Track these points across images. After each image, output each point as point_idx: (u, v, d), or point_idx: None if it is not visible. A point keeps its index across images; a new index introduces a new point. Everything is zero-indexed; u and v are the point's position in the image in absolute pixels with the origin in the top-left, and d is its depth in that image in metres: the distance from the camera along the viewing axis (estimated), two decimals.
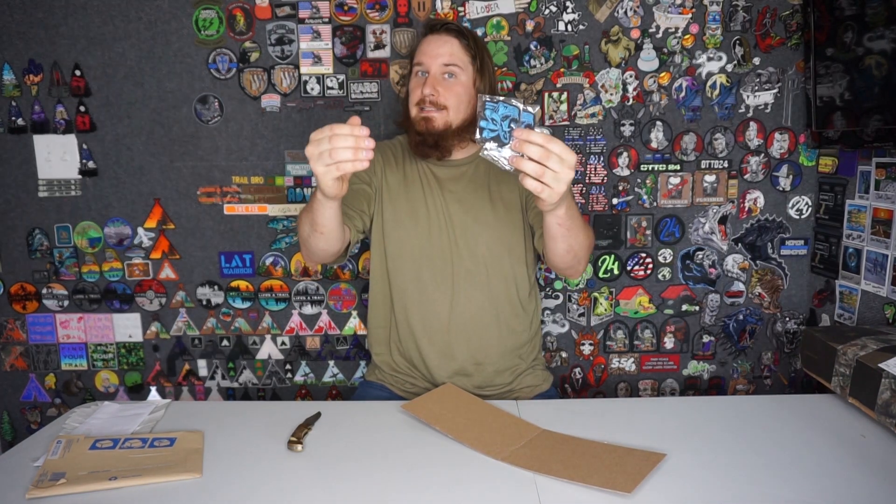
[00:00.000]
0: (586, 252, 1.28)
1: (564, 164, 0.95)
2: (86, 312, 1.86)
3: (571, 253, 1.22)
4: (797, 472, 0.99)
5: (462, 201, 1.43)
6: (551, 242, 1.20)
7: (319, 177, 1.04)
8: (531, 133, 0.93)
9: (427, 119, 1.37)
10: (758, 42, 1.71)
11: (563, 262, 1.26)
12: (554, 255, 1.24)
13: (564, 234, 1.16)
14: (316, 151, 1.01)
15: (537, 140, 0.93)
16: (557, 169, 0.95)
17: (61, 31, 1.72)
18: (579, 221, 1.18)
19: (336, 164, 1.00)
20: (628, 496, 0.92)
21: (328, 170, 1.02)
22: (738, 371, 1.87)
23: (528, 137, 0.94)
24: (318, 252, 1.31)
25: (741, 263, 1.81)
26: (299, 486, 0.97)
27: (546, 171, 0.95)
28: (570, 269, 1.31)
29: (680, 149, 1.76)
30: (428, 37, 1.42)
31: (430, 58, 1.38)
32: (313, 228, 1.23)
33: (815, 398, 1.30)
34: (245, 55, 1.74)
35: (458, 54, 1.39)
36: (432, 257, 1.42)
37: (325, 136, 1.00)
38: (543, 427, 1.14)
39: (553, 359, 1.87)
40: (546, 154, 0.94)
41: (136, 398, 1.89)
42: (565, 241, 1.18)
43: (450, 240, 1.41)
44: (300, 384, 1.90)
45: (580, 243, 1.21)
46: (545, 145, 0.93)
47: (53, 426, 1.19)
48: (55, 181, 1.79)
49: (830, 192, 1.70)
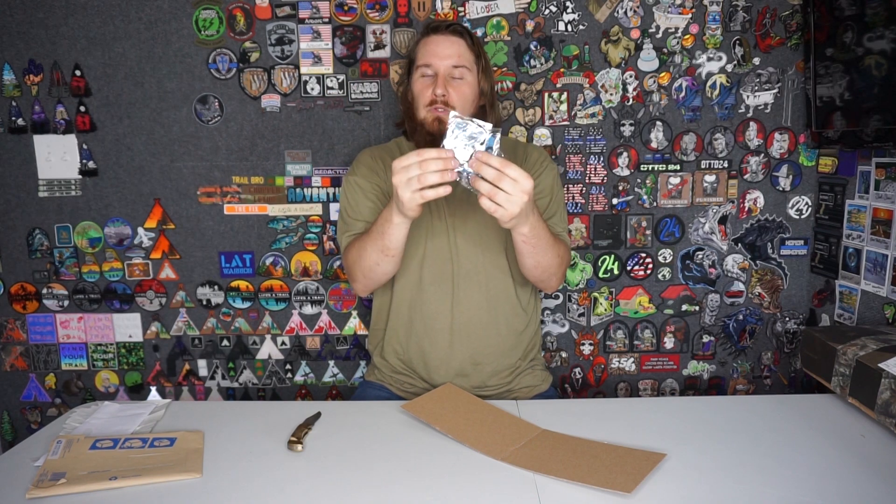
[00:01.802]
0: (557, 269, 1.35)
1: (517, 188, 1.02)
2: (86, 312, 1.86)
3: (539, 269, 1.31)
4: (797, 472, 0.99)
5: (462, 201, 1.43)
6: (519, 257, 1.30)
7: (405, 202, 1.08)
8: (489, 156, 1.01)
9: (441, 120, 1.37)
10: (758, 42, 1.71)
11: (532, 276, 1.35)
12: (523, 269, 1.34)
13: (530, 251, 1.24)
14: (405, 178, 1.05)
15: (493, 163, 1.01)
16: (510, 191, 1.02)
17: (61, 32, 1.72)
18: (546, 241, 1.25)
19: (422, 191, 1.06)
20: (628, 496, 0.92)
21: (415, 196, 1.06)
22: (738, 371, 1.87)
23: (487, 160, 1.01)
24: (382, 278, 1.35)
25: (741, 263, 1.81)
26: (299, 486, 0.97)
27: (499, 193, 1.02)
28: (540, 283, 1.39)
29: (680, 149, 1.76)
30: (432, 37, 1.42)
31: (438, 59, 1.38)
32: (384, 254, 1.27)
33: (815, 398, 1.30)
34: (245, 55, 1.74)
35: (466, 55, 1.40)
36: (433, 258, 1.42)
37: (414, 162, 1.04)
38: (543, 427, 1.14)
39: (553, 359, 1.87)
40: (500, 177, 1.02)
41: (137, 398, 1.89)
42: (532, 258, 1.27)
43: (450, 240, 1.42)
44: (300, 384, 1.90)
45: (548, 261, 1.29)
46: (500, 169, 1.01)
47: (53, 426, 1.19)
48: (55, 181, 1.79)
49: (830, 192, 1.70)
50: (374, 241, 1.26)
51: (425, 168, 1.04)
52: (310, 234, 1.82)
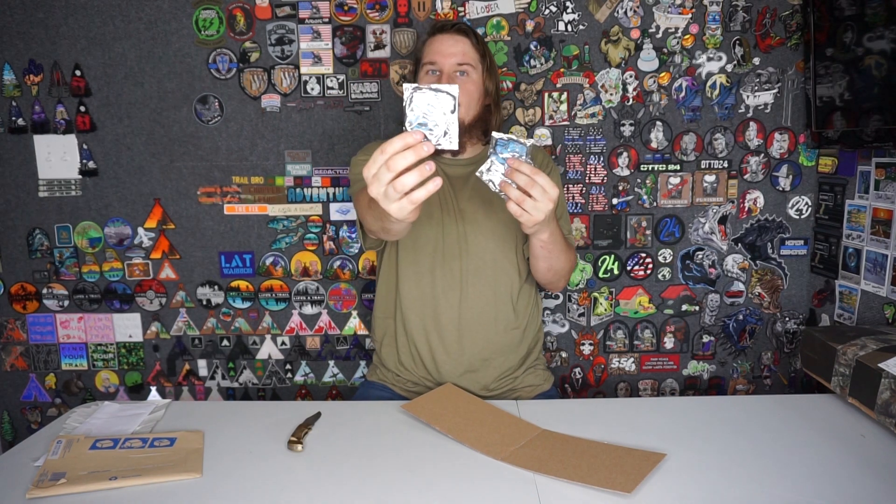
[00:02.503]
0: (566, 272, 1.42)
1: (546, 196, 1.03)
2: (86, 312, 1.86)
3: (552, 272, 1.37)
4: (797, 472, 0.99)
5: (472, 199, 1.44)
6: (533, 260, 1.35)
7: (395, 213, 0.91)
8: (522, 163, 1.02)
9: None
10: (758, 42, 1.71)
11: (544, 278, 1.41)
12: (536, 272, 1.40)
13: (546, 255, 1.30)
14: (381, 189, 0.89)
15: (525, 170, 1.02)
16: (538, 198, 1.03)
17: (61, 32, 1.72)
18: (561, 245, 1.30)
19: (408, 196, 0.89)
20: (628, 496, 0.92)
21: (402, 205, 0.89)
22: (738, 371, 1.87)
23: (519, 167, 1.02)
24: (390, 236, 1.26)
25: (741, 263, 1.81)
26: (299, 486, 0.97)
27: (527, 200, 1.03)
28: (549, 284, 1.45)
29: (680, 149, 1.76)
30: (437, 36, 1.43)
31: (443, 57, 1.40)
32: (385, 230, 1.18)
33: (815, 398, 1.30)
34: (245, 55, 1.74)
35: (470, 53, 1.41)
36: (443, 254, 1.43)
37: (380, 164, 0.88)
38: (543, 427, 1.14)
39: (553, 359, 1.87)
40: (530, 183, 1.02)
41: (137, 398, 1.89)
42: (546, 262, 1.33)
43: (459, 237, 1.42)
44: (300, 384, 1.90)
45: (561, 265, 1.35)
46: (531, 176, 1.02)
47: (54, 426, 1.19)
48: (55, 181, 1.79)
49: (830, 192, 1.70)
50: (376, 217, 1.15)
51: (394, 167, 0.87)
52: (310, 235, 1.82)
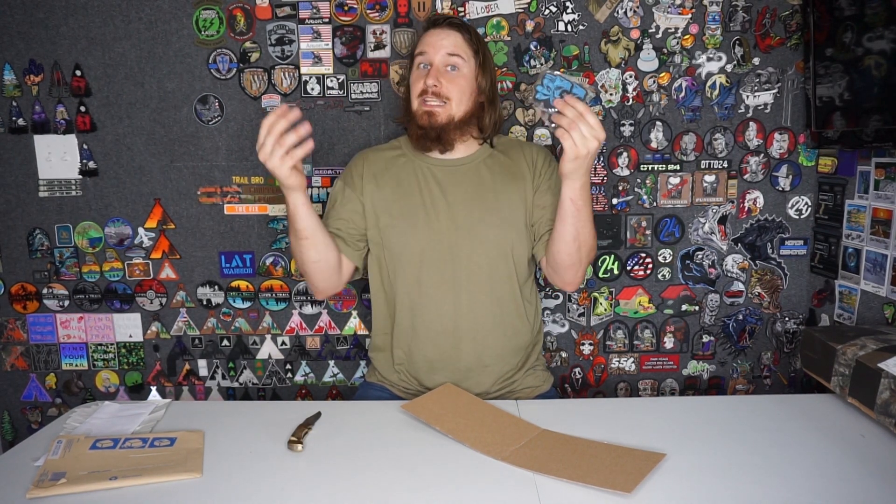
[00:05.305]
0: (588, 252, 1.33)
1: (593, 133, 1.12)
2: (86, 312, 1.86)
3: (577, 242, 1.29)
4: (797, 472, 0.99)
5: (464, 202, 1.42)
6: (560, 225, 1.28)
7: (278, 171, 1.19)
8: (577, 101, 1.14)
9: (430, 114, 1.37)
10: (757, 42, 1.71)
11: (568, 251, 1.30)
12: (559, 245, 1.31)
13: (575, 213, 1.25)
14: (268, 153, 1.17)
15: (578, 106, 1.12)
16: (586, 134, 1.12)
17: (62, 32, 1.72)
18: (589, 211, 1.28)
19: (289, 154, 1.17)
20: (628, 496, 0.92)
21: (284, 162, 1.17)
22: (738, 371, 1.87)
23: (573, 103, 1.13)
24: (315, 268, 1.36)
25: (741, 263, 1.81)
26: (299, 486, 0.97)
27: (576, 131, 1.12)
28: (571, 267, 1.33)
29: (680, 149, 1.76)
30: (430, 30, 1.42)
31: (433, 49, 1.38)
32: (299, 237, 1.31)
33: (815, 398, 1.30)
34: (245, 55, 1.74)
35: (462, 46, 1.39)
36: (434, 259, 1.40)
37: (264, 134, 1.16)
38: (543, 427, 1.15)
39: (553, 359, 1.88)
40: (581, 118, 1.12)
41: (137, 398, 1.89)
42: (573, 226, 1.26)
43: (451, 241, 1.40)
44: (300, 384, 1.91)
45: (586, 235, 1.29)
46: (583, 113, 1.12)
47: (54, 426, 1.19)
48: (55, 181, 1.79)
49: (830, 192, 1.70)
50: (290, 231, 1.32)
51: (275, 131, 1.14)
52: None
